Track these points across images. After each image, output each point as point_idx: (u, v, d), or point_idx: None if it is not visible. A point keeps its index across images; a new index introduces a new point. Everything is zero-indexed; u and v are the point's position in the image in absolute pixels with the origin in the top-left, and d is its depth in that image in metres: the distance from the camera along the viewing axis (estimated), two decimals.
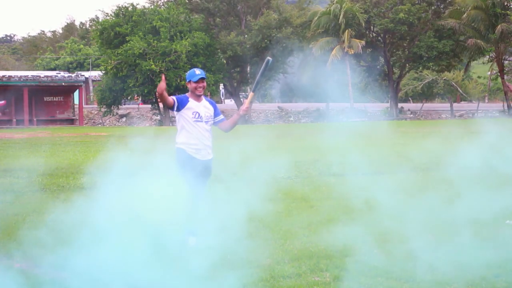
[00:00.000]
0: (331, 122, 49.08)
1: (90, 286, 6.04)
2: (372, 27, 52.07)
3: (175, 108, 7.56)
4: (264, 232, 7.99)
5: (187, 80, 7.71)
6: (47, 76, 49.00)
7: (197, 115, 7.57)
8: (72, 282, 6.14)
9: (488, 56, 52.01)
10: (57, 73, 53.21)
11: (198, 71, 7.68)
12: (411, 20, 48.32)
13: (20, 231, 8.20)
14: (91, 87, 64.99)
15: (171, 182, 8.23)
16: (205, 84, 7.67)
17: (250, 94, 7.93)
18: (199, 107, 7.63)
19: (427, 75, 51.73)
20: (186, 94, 7.77)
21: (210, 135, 7.71)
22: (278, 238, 7.71)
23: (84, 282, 6.14)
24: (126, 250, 6.84)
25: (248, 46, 49.89)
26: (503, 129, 19.74)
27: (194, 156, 7.53)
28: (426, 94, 51.75)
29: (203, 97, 7.76)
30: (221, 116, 7.86)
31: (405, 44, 51.48)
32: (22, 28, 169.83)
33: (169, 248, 7.06)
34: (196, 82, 7.60)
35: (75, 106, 50.40)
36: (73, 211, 9.61)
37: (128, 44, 46.40)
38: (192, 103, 7.62)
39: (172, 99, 7.53)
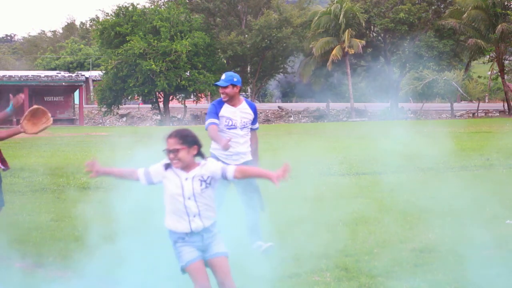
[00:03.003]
0: (332, 122, 49.10)
1: (92, 287, 6.04)
2: (372, 27, 52.08)
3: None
4: (264, 231, 7.98)
5: None
6: (47, 76, 49.01)
7: (229, 122, 7.07)
8: (72, 282, 6.13)
9: (488, 56, 52.01)
10: (57, 73, 53.24)
11: (223, 76, 7.11)
12: (411, 20, 48.32)
13: (20, 231, 8.20)
14: (91, 87, 65.01)
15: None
16: (228, 91, 7.05)
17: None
18: (234, 113, 7.11)
19: (428, 75, 51.72)
20: (222, 97, 7.27)
21: (247, 141, 7.20)
22: (279, 237, 7.71)
23: (86, 283, 6.13)
24: (128, 251, 6.84)
25: (248, 46, 49.90)
26: None
27: (225, 161, 6.95)
28: (426, 94, 51.74)
29: (243, 100, 7.22)
30: (256, 126, 7.33)
31: (405, 44, 51.48)
32: (22, 28, 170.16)
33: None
34: (220, 88, 7.11)
35: (76, 106, 50.41)
36: (73, 211, 9.61)
37: (129, 44, 46.41)
38: (225, 109, 7.10)
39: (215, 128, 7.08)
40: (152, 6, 52.33)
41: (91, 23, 73.23)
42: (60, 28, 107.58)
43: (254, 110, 7.29)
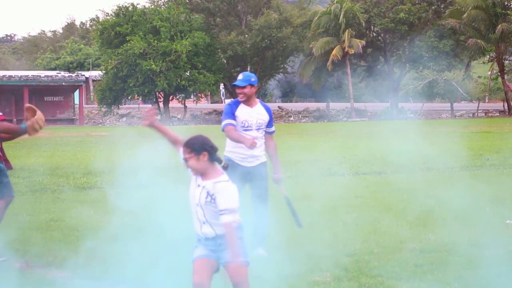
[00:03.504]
0: (332, 122, 49.10)
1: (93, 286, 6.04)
2: (372, 27, 52.07)
3: None
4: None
5: None
6: (47, 76, 49.01)
7: (246, 123, 6.92)
8: (72, 283, 6.13)
9: (488, 56, 52.00)
10: (57, 73, 53.25)
11: (240, 76, 6.99)
12: (411, 20, 48.32)
13: (20, 231, 8.19)
14: (91, 87, 64.99)
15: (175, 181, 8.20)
16: (246, 91, 6.91)
17: (284, 190, 7.14)
18: (250, 113, 6.96)
19: (428, 75, 51.74)
20: (238, 98, 7.10)
21: (262, 144, 7.04)
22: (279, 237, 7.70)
23: (86, 283, 6.13)
24: (129, 251, 6.83)
25: (248, 46, 49.88)
26: None
27: (239, 163, 6.92)
28: (426, 94, 51.78)
29: (258, 102, 7.08)
30: (272, 129, 7.15)
31: (405, 44, 51.48)
32: (23, 28, 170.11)
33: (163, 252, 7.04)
34: (237, 88, 6.95)
35: (76, 106, 50.41)
36: (73, 211, 9.62)
37: (129, 44, 46.39)
38: (241, 110, 6.96)
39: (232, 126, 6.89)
40: (152, 6, 52.30)
41: (91, 23, 73.24)
42: (60, 28, 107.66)
43: (269, 113, 7.14)
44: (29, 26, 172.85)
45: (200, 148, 4.53)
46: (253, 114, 6.98)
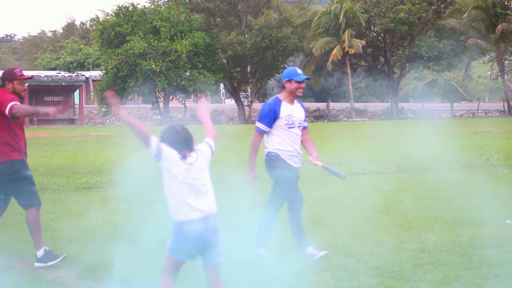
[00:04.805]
0: (332, 122, 49.11)
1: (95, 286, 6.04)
2: (372, 26, 52.06)
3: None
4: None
5: (287, 79, 6.90)
6: (47, 76, 49.00)
7: (290, 120, 6.87)
8: (72, 283, 6.13)
9: (488, 56, 51.99)
10: (57, 73, 53.23)
11: (300, 70, 6.95)
12: (411, 19, 48.31)
13: (21, 231, 8.19)
14: (91, 87, 64.98)
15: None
16: (304, 85, 6.97)
17: (319, 163, 7.06)
18: (293, 110, 6.93)
19: (428, 74, 51.71)
20: (278, 96, 7.01)
21: (300, 140, 7.04)
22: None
23: (86, 283, 6.13)
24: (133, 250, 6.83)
25: (248, 46, 49.86)
26: None
27: (288, 162, 6.91)
28: (427, 94, 51.77)
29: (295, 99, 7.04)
30: (306, 123, 7.18)
31: (405, 44, 51.46)
32: (23, 28, 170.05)
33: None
34: (300, 82, 6.84)
35: (76, 106, 50.41)
36: (73, 211, 9.62)
37: (129, 44, 46.38)
38: (285, 108, 6.88)
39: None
40: (152, 6, 52.27)
41: (91, 23, 73.23)
42: (60, 28, 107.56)
43: (304, 108, 7.20)
44: (29, 26, 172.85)
45: (161, 139, 4.88)
46: (295, 111, 6.98)
